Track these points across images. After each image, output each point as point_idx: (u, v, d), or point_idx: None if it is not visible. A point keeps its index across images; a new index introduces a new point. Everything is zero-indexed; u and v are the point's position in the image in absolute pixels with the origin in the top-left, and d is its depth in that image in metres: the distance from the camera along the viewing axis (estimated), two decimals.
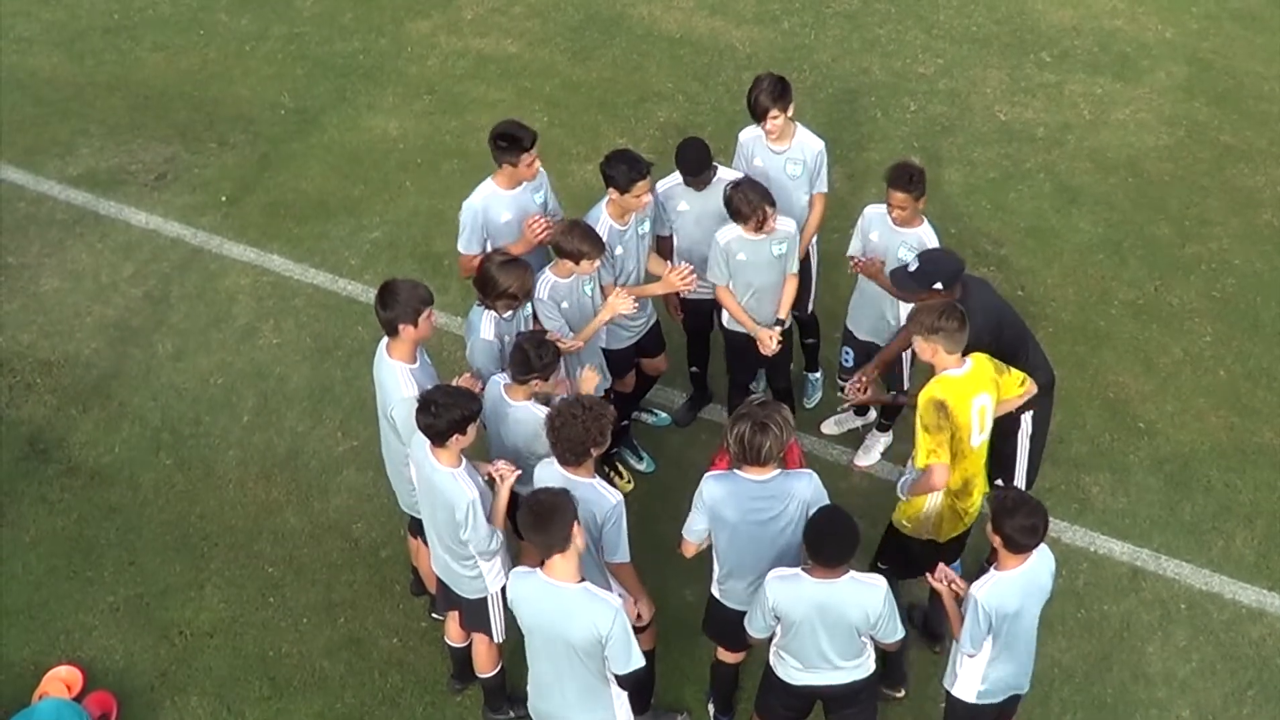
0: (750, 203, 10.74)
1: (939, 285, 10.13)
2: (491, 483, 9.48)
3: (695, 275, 11.14)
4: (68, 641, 11.15)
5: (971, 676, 9.36)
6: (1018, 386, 10.02)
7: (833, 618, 8.83)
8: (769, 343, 11.39)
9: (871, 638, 9.09)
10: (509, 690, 10.48)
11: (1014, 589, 8.96)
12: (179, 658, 11.07)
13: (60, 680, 10.70)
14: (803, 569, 8.84)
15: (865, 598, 8.82)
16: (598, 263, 10.56)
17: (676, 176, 11.44)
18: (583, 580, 8.63)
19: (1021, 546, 8.87)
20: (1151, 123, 15.86)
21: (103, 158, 15.47)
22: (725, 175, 11.36)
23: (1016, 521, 8.79)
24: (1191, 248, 14.34)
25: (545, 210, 11.11)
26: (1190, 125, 15.82)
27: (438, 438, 9.14)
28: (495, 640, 10.08)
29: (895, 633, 9.03)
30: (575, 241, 10.42)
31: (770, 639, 9.27)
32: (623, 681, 8.82)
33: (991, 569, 9.07)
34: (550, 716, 9.11)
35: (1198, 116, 15.95)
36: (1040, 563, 9.05)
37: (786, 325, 11.47)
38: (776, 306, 11.35)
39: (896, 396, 10.79)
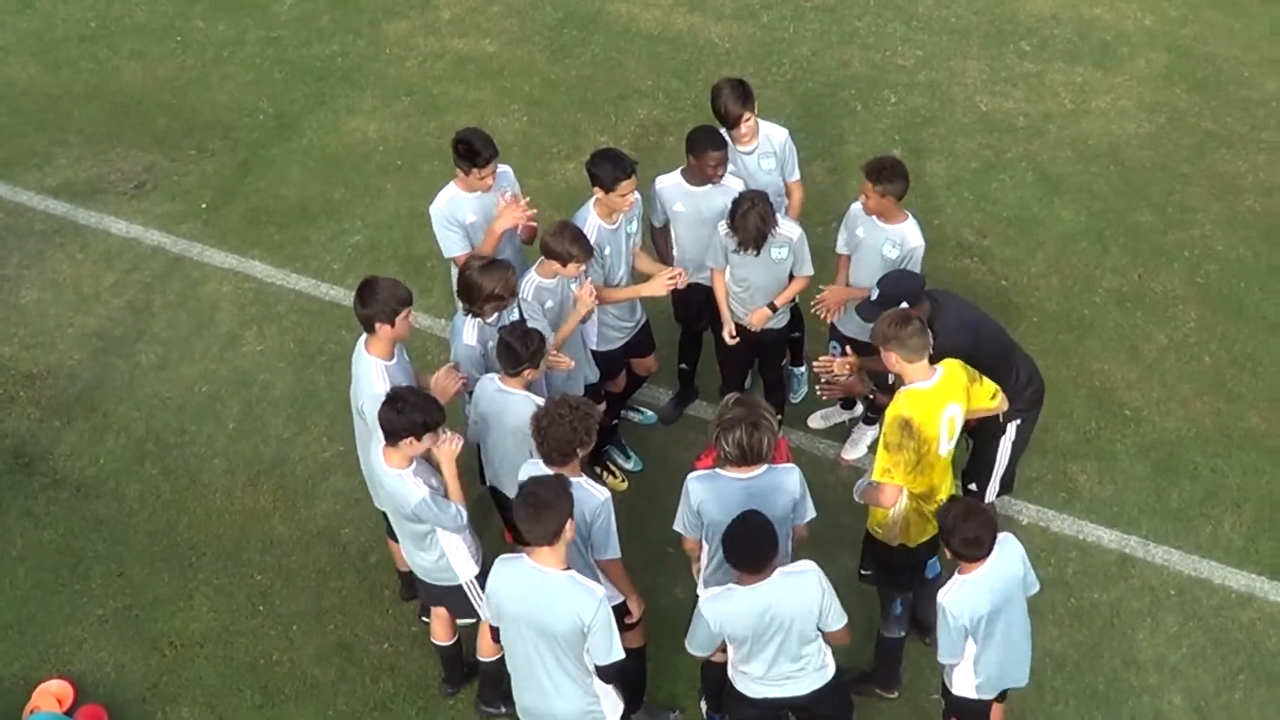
0: (745, 230, 10.77)
1: (904, 305, 10.10)
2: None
3: (685, 276, 11.15)
4: (58, 655, 11.12)
5: (965, 672, 9.38)
6: (989, 399, 9.93)
7: (777, 621, 8.77)
8: (727, 336, 11.47)
9: (821, 633, 9.01)
10: (505, 686, 10.50)
11: (981, 590, 8.99)
12: (170, 668, 11.04)
13: (51, 695, 10.67)
14: (733, 582, 8.81)
15: (799, 587, 8.77)
16: (583, 267, 10.55)
17: (676, 175, 11.45)
18: (568, 568, 8.63)
19: (971, 558, 8.93)
20: (1132, 110, 15.87)
21: (81, 167, 15.43)
22: (728, 183, 11.34)
23: (959, 535, 8.85)
24: (1174, 235, 14.35)
25: None
26: (1171, 112, 15.83)
27: (391, 435, 9.18)
28: (485, 618, 10.11)
29: (840, 618, 8.95)
30: (565, 243, 10.43)
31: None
32: (603, 674, 8.81)
33: (955, 574, 9.09)
34: (533, 709, 9.10)
35: (1178, 103, 15.95)
36: (1005, 553, 9.08)
37: (775, 313, 11.47)
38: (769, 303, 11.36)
39: (877, 395, 10.77)
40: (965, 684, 9.43)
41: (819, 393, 11.02)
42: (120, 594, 11.51)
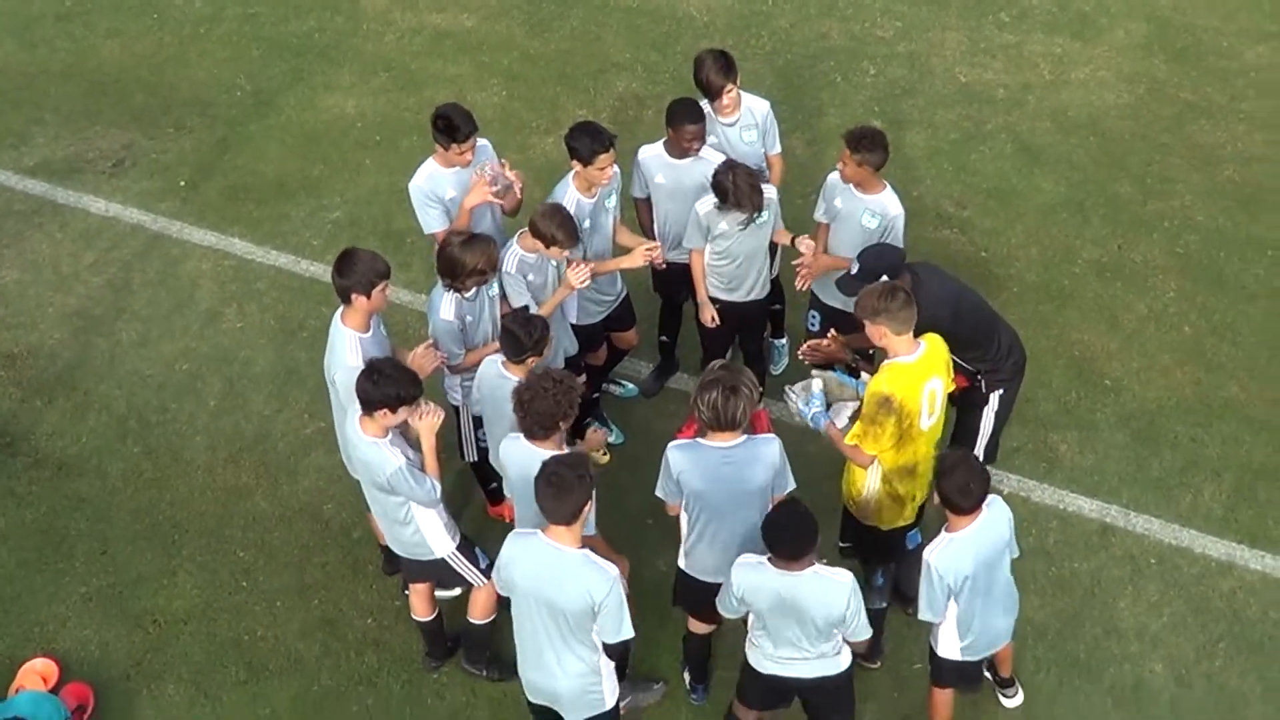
0: (741, 195, 10.76)
1: (885, 279, 10.09)
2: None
3: (661, 251, 11.18)
4: (42, 634, 11.11)
5: (950, 634, 9.46)
6: (950, 383, 10.03)
7: (796, 611, 8.81)
8: (708, 321, 11.55)
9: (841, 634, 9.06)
10: (494, 651, 10.57)
11: (966, 550, 9.05)
12: (154, 646, 11.04)
13: (36, 673, 10.66)
14: (767, 558, 8.82)
15: (828, 594, 8.78)
16: (566, 253, 10.54)
17: (658, 146, 11.45)
18: (584, 548, 8.63)
19: (959, 508, 8.99)
20: (1111, 81, 15.88)
21: (59, 146, 15.38)
22: (707, 155, 11.34)
23: (952, 481, 8.93)
24: (1154, 205, 14.37)
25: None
26: (1150, 83, 15.84)
27: (366, 405, 9.19)
28: (477, 585, 10.17)
29: (862, 631, 8.99)
30: (552, 227, 10.40)
31: (746, 619, 9.25)
32: (610, 651, 8.84)
33: (943, 531, 9.15)
34: (537, 686, 9.11)
35: (1157, 74, 15.97)
36: (994, 515, 9.15)
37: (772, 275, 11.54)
38: (755, 273, 11.38)
39: (859, 363, 10.78)
40: (950, 646, 9.50)
41: (800, 356, 11.03)
42: (104, 572, 11.50)
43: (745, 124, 11.63)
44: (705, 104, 11.48)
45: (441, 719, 10.61)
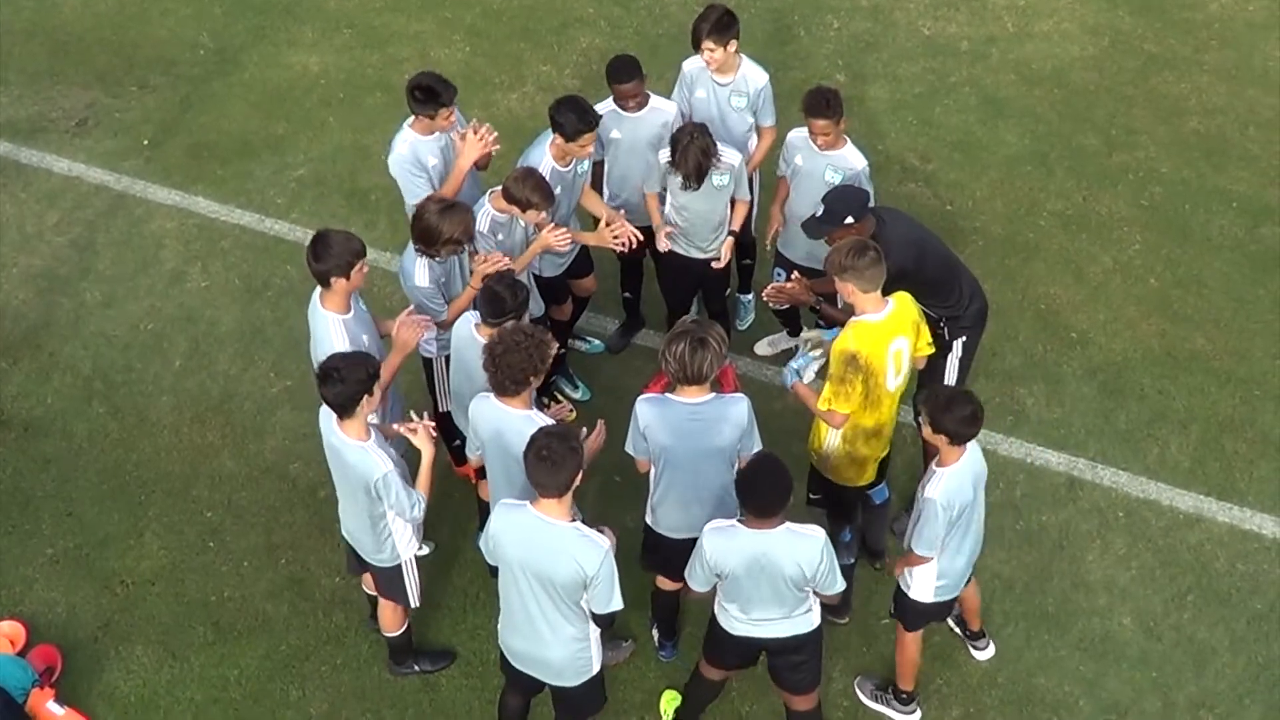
0: (686, 164, 10.79)
1: (849, 219, 10.07)
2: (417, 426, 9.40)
3: (627, 229, 11.22)
4: (9, 596, 11.07)
5: (927, 576, 9.48)
6: (926, 346, 10.01)
7: (770, 571, 8.77)
8: (661, 238, 11.47)
9: (813, 590, 9.04)
10: (417, 647, 10.58)
11: (965, 478, 9.12)
12: (121, 607, 11.01)
13: (3, 635, 10.63)
14: (739, 520, 8.80)
15: (801, 550, 8.73)
16: (542, 215, 10.48)
17: (609, 102, 11.42)
18: (575, 519, 8.58)
19: (962, 438, 9.01)
20: (1075, 33, 15.88)
21: (22, 106, 15.26)
22: (659, 104, 11.35)
23: (956, 413, 8.92)
24: (1119, 157, 14.40)
25: None
26: (1114, 35, 15.85)
27: (349, 404, 8.88)
28: (410, 606, 10.08)
29: (835, 585, 8.93)
30: (526, 191, 10.31)
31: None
32: (600, 620, 8.80)
33: (934, 467, 9.17)
34: (523, 654, 9.07)
35: (1121, 25, 15.97)
36: (974, 449, 9.21)
37: (730, 242, 11.52)
38: (711, 231, 11.35)
39: (822, 306, 10.74)
40: (925, 587, 9.54)
41: (765, 298, 11.02)
42: (70, 533, 11.47)
43: (737, 89, 11.59)
44: (699, 58, 11.51)
45: (411, 676, 10.62)
